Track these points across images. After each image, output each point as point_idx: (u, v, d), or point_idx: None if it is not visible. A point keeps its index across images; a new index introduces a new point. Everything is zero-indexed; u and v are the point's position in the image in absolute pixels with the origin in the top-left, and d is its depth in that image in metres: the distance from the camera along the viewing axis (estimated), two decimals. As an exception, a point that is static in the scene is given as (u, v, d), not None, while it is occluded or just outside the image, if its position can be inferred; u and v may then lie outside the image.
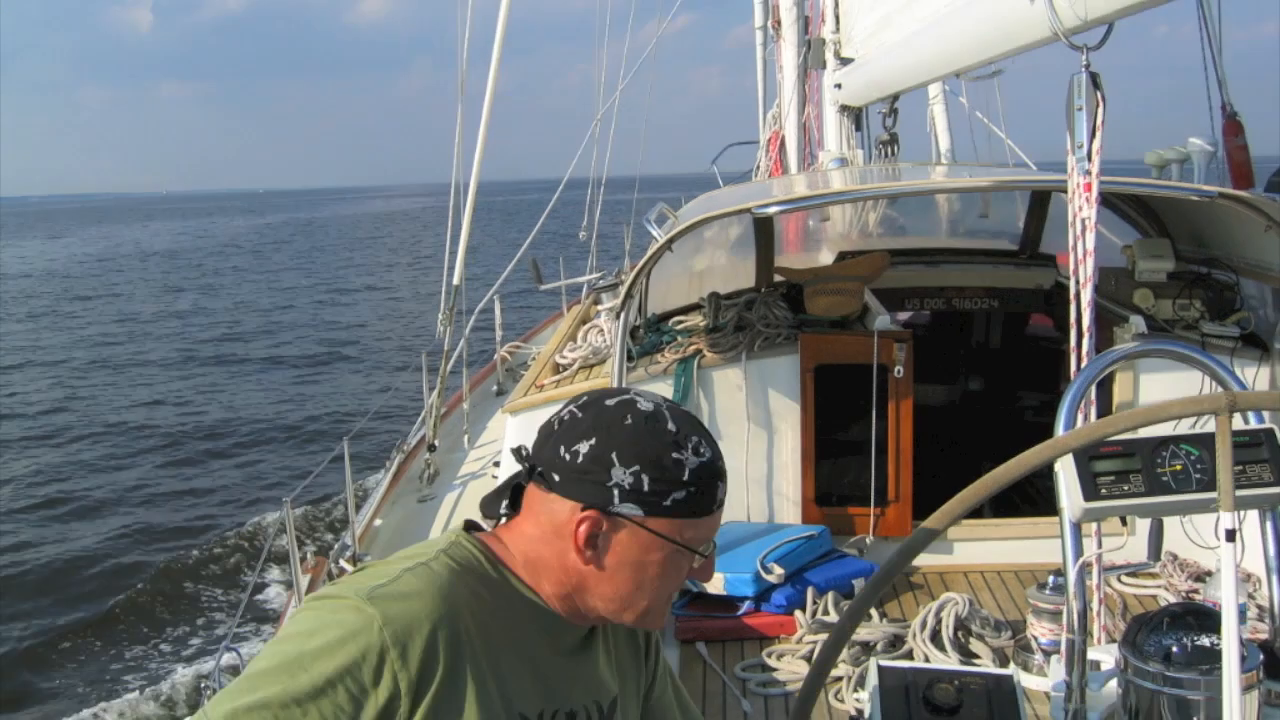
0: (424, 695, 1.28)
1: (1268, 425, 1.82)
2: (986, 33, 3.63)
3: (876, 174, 5.54)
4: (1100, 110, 2.46)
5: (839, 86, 6.71)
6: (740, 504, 4.14)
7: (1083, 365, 2.31)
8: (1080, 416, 2.04)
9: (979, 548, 4.08)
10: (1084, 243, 2.42)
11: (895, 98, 6.24)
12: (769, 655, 3.47)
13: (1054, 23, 2.72)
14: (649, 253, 3.98)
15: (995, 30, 3.52)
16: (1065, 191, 2.68)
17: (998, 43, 3.58)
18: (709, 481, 1.39)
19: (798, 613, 3.61)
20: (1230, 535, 1.58)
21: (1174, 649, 1.76)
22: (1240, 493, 1.70)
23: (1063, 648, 1.90)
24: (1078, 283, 2.36)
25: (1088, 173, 2.44)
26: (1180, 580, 3.73)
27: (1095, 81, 2.45)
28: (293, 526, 3.53)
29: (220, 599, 9.30)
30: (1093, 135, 2.45)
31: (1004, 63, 7.32)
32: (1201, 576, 3.72)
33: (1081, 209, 2.43)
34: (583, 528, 1.36)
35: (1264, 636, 2.08)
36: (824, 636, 3.44)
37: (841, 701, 3.11)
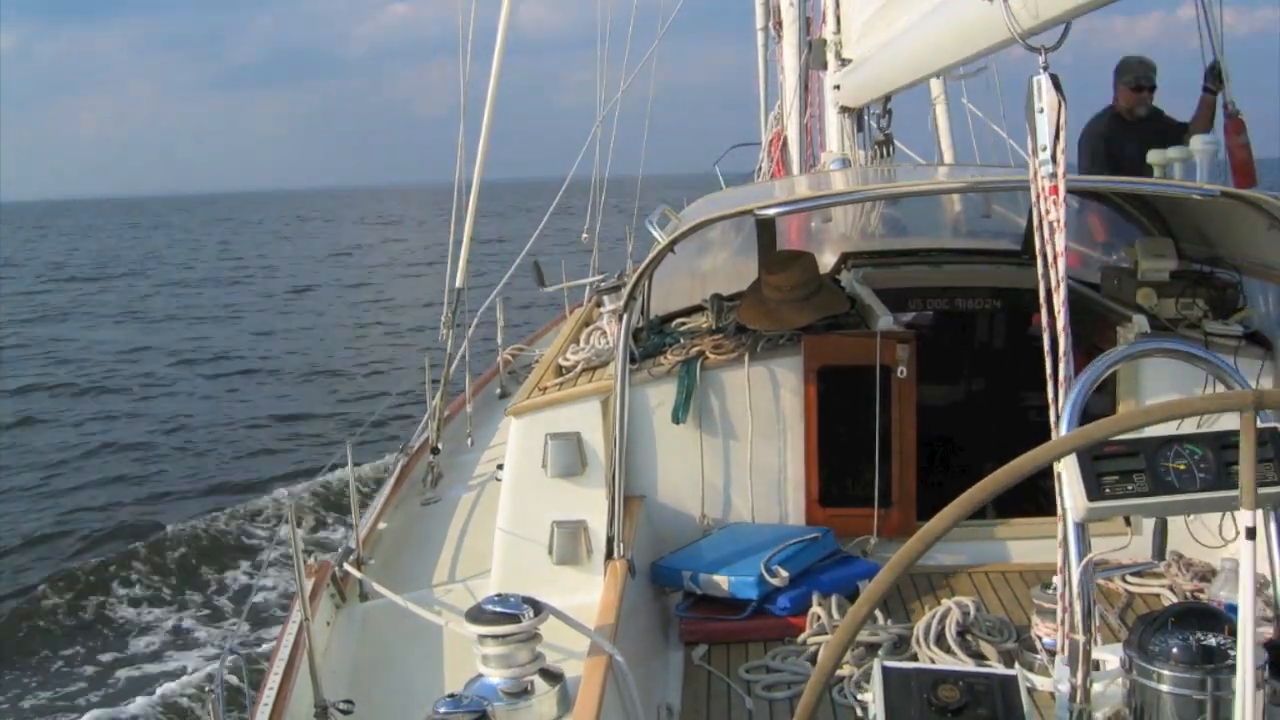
0: None
1: (1273, 425, 1.81)
2: (956, 35, 3.70)
3: (877, 175, 5.54)
4: (1061, 111, 2.44)
5: (838, 88, 6.73)
6: (744, 506, 4.14)
7: (1060, 371, 2.28)
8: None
9: (983, 548, 4.08)
10: (1053, 245, 2.38)
11: (888, 99, 6.25)
12: (773, 657, 3.46)
13: (1011, 24, 2.74)
14: (651, 254, 3.98)
15: (962, 33, 3.59)
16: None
17: (965, 45, 3.65)
18: None
19: (803, 614, 3.61)
20: (1251, 533, 1.57)
21: (1179, 649, 1.76)
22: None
23: (1066, 647, 1.90)
24: (1049, 287, 2.32)
25: (1052, 175, 2.42)
26: (1185, 580, 3.73)
27: (1055, 83, 2.45)
28: (295, 529, 3.52)
29: (222, 603, 9.31)
30: (1055, 137, 2.43)
31: (989, 61, 7.35)
32: (1206, 576, 3.71)
33: (1049, 212, 2.40)
34: None
35: (1269, 636, 2.08)
36: (828, 638, 3.44)
37: (847, 702, 3.10)
